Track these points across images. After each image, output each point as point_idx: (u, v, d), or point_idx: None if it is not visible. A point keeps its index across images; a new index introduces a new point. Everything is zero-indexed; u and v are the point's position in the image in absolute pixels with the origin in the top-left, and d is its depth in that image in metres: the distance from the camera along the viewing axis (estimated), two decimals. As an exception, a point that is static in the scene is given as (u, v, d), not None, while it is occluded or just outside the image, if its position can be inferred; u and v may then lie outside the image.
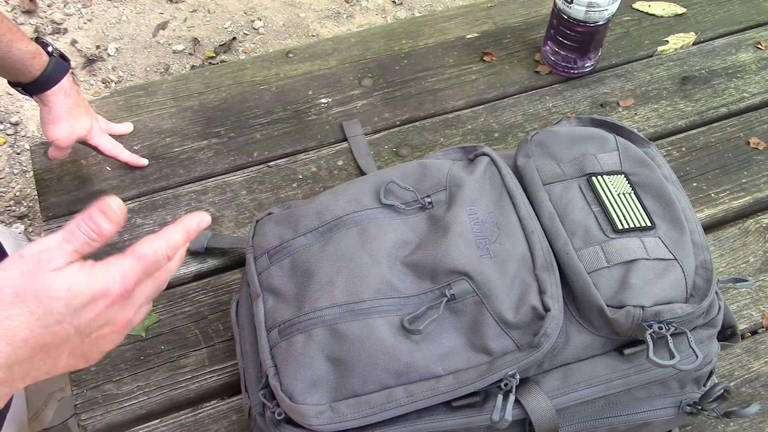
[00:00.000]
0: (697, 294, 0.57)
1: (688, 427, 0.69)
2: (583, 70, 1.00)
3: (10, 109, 1.80)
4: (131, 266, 0.44)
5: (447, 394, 0.54)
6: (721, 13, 1.11)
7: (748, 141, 0.94)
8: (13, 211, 1.63)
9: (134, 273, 0.44)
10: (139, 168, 0.89)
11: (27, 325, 0.39)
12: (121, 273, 0.43)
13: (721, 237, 0.84)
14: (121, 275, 0.43)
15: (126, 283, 0.43)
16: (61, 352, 0.42)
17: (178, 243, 0.47)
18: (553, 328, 0.54)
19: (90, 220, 0.43)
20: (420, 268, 0.59)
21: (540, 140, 0.67)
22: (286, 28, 2.03)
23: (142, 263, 0.44)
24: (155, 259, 0.45)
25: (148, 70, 1.90)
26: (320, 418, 0.54)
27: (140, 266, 0.44)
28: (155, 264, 0.45)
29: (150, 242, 0.45)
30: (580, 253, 0.58)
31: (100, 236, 0.43)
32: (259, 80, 1.00)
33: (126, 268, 0.44)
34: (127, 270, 0.44)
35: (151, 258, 0.45)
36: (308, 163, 0.90)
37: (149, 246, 0.45)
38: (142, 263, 0.44)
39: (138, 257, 0.44)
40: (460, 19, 1.09)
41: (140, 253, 0.44)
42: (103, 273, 0.43)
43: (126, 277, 0.43)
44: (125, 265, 0.44)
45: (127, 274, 0.43)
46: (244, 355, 0.64)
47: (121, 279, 0.43)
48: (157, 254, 0.45)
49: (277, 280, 0.61)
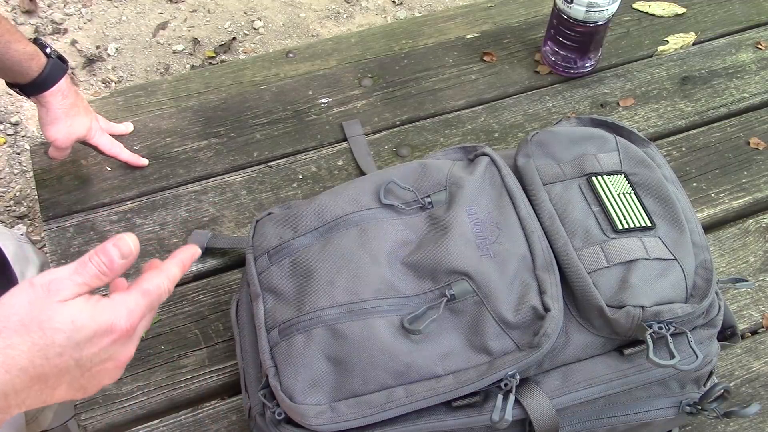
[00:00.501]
0: (697, 294, 0.57)
1: (688, 427, 0.69)
2: (583, 70, 1.00)
3: (10, 109, 1.80)
4: (137, 302, 0.44)
5: (447, 394, 0.54)
6: (721, 13, 1.11)
7: (748, 141, 0.94)
8: (13, 211, 1.63)
9: (140, 309, 0.44)
10: (139, 168, 0.89)
11: (27, 355, 0.39)
12: (127, 309, 0.43)
13: (721, 237, 0.84)
14: (127, 312, 0.43)
15: (132, 319, 0.43)
16: (59, 383, 0.42)
17: (177, 277, 0.48)
18: (553, 328, 0.54)
19: (103, 254, 0.43)
20: (420, 268, 0.59)
21: (540, 140, 0.67)
22: (286, 28, 2.03)
23: (147, 300, 0.45)
24: (159, 294, 0.46)
25: (148, 70, 1.90)
26: (320, 418, 0.54)
27: (145, 303, 0.45)
28: (158, 299, 0.46)
29: (153, 278, 0.46)
30: (580, 253, 0.58)
31: (111, 270, 0.43)
32: (259, 80, 1.00)
33: (132, 304, 0.44)
34: (133, 306, 0.44)
35: (155, 294, 0.46)
36: (308, 163, 0.90)
37: (153, 282, 0.46)
38: (147, 300, 0.45)
39: (143, 293, 0.45)
40: (460, 19, 1.09)
41: (145, 289, 0.45)
42: (108, 309, 0.43)
43: (132, 313, 0.44)
44: (131, 301, 0.44)
45: (133, 310, 0.44)
46: (244, 355, 0.64)
47: (127, 315, 0.43)
48: (160, 289, 0.46)
49: (277, 280, 0.61)
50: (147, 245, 0.82)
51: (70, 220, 0.84)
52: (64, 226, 0.83)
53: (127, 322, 0.43)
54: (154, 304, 0.46)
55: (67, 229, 0.83)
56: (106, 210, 0.85)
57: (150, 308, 0.45)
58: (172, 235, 0.83)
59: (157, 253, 0.81)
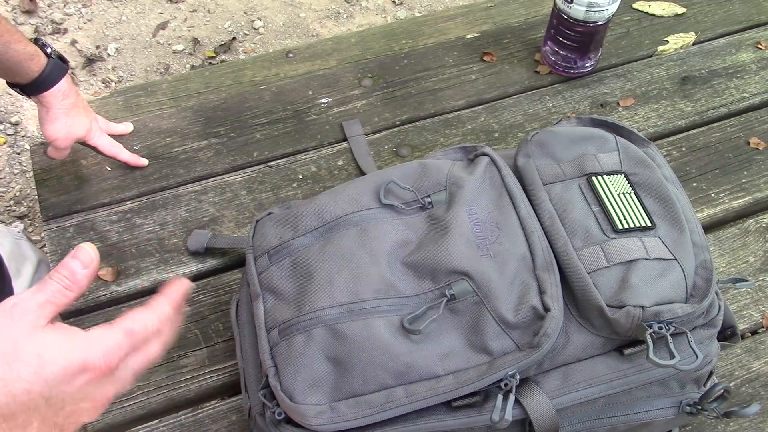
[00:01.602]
0: (697, 294, 0.57)
1: (688, 427, 0.69)
2: (583, 70, 1.00)
3: (10, 109, 1.80)
4: (117, 341, 0.41)
5: (447, 394, 0.54)
6: (721, 13, 1.11)
7: (748, 141, 0.94)
8: (13, 211, 1.63)
9: (120, 348, 0.41)
10: (139, 168, 0.89)
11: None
12: (104, 348, 0.40)
13: (721, 237, 0.84)
14: (103, 350, 0.40)
15: (109, 359, 0.40)
16: (30, 420, 0.38)
17: (168, 314, 0.44)
18: (553, 328, 0.54)
19: (63, 268, 0.41)
20: (420, 268, 0.59)
21: (540, 140, 0.67)
22: (286, 28, 2.03)
23: (129, 339, 0.41)
24: (144, 335, 0.42)
25: (148, 70, 1.90)
26: (320, 418, 0.54)
27: (127, 342, 0.41)
28: (143, 339, 0.42)
29: (139, 316, 0.42)
30: (580, 253, 0.58)
31: (75, 282, 0.41)
32: (259, 80, 1.00)
33: (111, 342, 0.40)
34: (112, 344, 0.40)
35: (140, 334, 0.42)
36: (308, 163, 0.90)
37: (139, 321, 0.42)
38: (129, 339, 0.41)
39: (126, 333, 0.41)
40: (460, 19, 1.09)
41: (128, 329, 0.41)
42: (83, 344, 0.39)
43: (109, 352, 0.40)
44: (110, 339, 0.40)
45: (111, 349, 0.40)
46: (244, 355, 0.64)
47: (103, 354, 0.40)
48: (147, 329, 0.42)
49: (277, 280, 0.61)
50: (147, 245, 0.82)
51: (70, 220, 0.84)
52: (64, 226, 0.83)
53: (102, 361, 0.39)
54: (138, 344, 0.42)
55: (67, 229, 0.83)
56: (106, 210, 0.85)
57: (133, 348, 0.42)
58: (172, 235, 0.83)
59: (157, 253, 0.81)
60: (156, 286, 0.79)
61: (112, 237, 0.82)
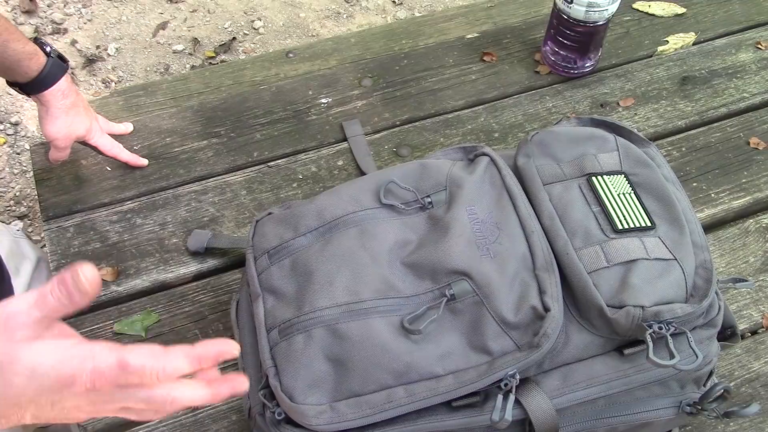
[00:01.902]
0: (697, 294, 0.57)
1: (688, 427, 0.69)
2: (583, 70, 1.00)
3: (10, 109, 1.80)
4: (108, 366, 0.39)
5: (447, 394, 0.54)
6: (721, 13, 1.11)
7: (748, 141, 0.94)
8: (13, 211, 1.63)
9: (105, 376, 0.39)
10: (139, 168, 0.89)
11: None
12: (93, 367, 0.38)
13: (721, 237, 0.84)
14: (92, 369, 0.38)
15: (93, 380, 0.38)
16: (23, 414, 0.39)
17: (182, 371, 0.40)
18: (553, 328, 0.54)
19: (63, 285, 0.39)
20: (420, 268, 0.59)
21: (540, 140, 0.67)
22: (286, 28, 2.03)
23: (119, 372, 0.39)
24: (140, 378, 0.39)
25: (148, 70, 1.90)
26: (320, 418, 0.54)
27: (115, 374, 0.39)
28: (138, 380, 0.39)
29: (143, 356, 0.39)
30: (580, 253, 0.58)
31: (72, 303, 0.40)
32: (259, 80, 1.00)
33: (102, 365, 0.39)
34: (102, 368, 0.39)
35: (133, 372, 0.39)
36: (308, 163, 0.90)
37: (139, 360, 0.39)
38: (119, 372, 0.39)
39: (119, 364, 0.39)
40: (460, 19, 1.09)
41: (123, 360, 0.39)
42: (76, 358, 0.39)
43: (96, 374, 0.38)
44: (102, 362, 0.39)
45: (100, 371, 0.38)
46: (244, 355, 0.64)
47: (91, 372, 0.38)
48: (144, 374, 0.39)
49: (277, 280, 0.61)
50: (147, 245, 0.82)
51: (70, 220, 0.84)
52: (64, 226, 0.83)
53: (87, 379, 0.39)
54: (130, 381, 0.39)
55: (67, 229, 0.83)
56: (106, 210, 0.85)
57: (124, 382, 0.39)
58: (172, 235, 0.83)
59: (157, 253, 0.81)
60: (156, 286, 0.79)
61: (112, 237, 0.82)
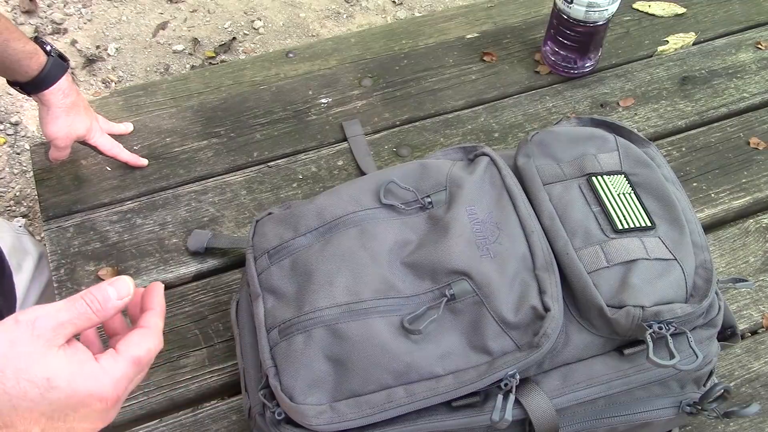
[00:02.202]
0: (697, 294, 0.57)
1: (688, 427, 0.69)
2: (583, 70, 1.00)
3: (10, 109, 1.80)
4: (125, 373, 0.41)
5: (447, 394, 0.54)
6: (721, 13, 1.11)
7: (748, 141, 0.94)
8: (13, 211, 1.63)
9: (127, 379, 0.41)
10: (139, 168, 0.89)
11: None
12: (113, 380, 0.40)
13: (721, 237, 0.84)
14: (113, 383, 0.40)
15: (117, 391, 0.40)
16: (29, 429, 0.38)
17: (162, 327, 0.45)
18: (553, 328, 0.54)
19: (97, 292, 0.41)
20: (420, 268, 0.59)
21: (540, 140, 0.67)
22: (286, 28, 2.03)
23: (136, 368, 0.42)
24: (149, 359, 0.43)
25: (148, 70, 1.90)
26: (320, 418, 0.54)
27: (134, 371, 0.42)
28: (148, 363, 0.43)
29: (144, 343, 0.42)
30: (580, 253, 0.58)
31: (103, 310, 0.41)
32: (259, 80, 1.00)
33: (119, 374, 0.40)
34: (120, 376, 0.40)
35: (146, 359, 0.42)
36: (308, 163, 0.90)
37: (143, 347, 0.42)
38: (136, 368, 0.42)
39: (134, 361, 0.41)
40: (460, 19, 1.09)
41: (135, 357, 0.41)
42: (91, 378, 0.39)
43: (118, 385, 0.40)
44: (118, 371, 0.40)
45: (119, 381, 0.40)
46: (244, 355, 0.64)
47: (113, 387, 0.40)
48: (150, 353, 0.43)
49: (277, 280, 0.61)
50: (147, 245, 0.82)
51: (70, 220, 0.84)
52: (64, 226, 0.83)
53: (111, 394, 0.40)
54: (143, 368, 0.42)
55: (67, 229, 0.83)
56: (106, 210, 0.85)
57: (138, 372, 0.42)
58: (172, 235, 0.83)
59: (157, 253, 0.81)
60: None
61: (112, 237, 0.82)
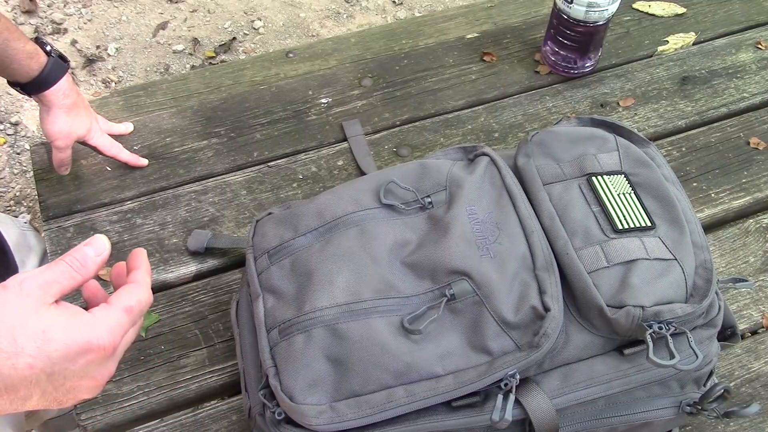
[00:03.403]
0: (697, 294, 0.57)
1: (688, 427, 0.69)
2: (583, 70, 1.00)
3: (10, 109, 1.80)
4: (118, 320, 0.42)
5: (447, 394, 0.54)
6: (721, 13, 1.11)
7: (748, 141, 0.94)
8: (13, 211, 1.63)
9: (122, 327, 0.42)
10: (139, 168, 0.89)
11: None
12: (108, 328, 0.41)
13: (721, 237, 0.84)
14: (107, 330, 0.41)
15: (113, 338, 0.41)
16: (30, 394, 0.39)
17: (150, 283, 0.46)
18: (553, 328, 0.54)
19: (76, 251, 0.42)
20: (420, 267, 0.59)
21: (540, 140, 0.67)
22: (286, 28, 2.03)
23: (129, 317, 0.43)
24: (140, 309, 0.44)
25: (148, 70, 1.90)
26: (320, 418, 0.54)
27: (127, 320, 0.42)
28: (140, 314, 0.44)
29: (134, 292, 0.44)
30: (580, 253, 0.58)
31: (84, 267, 0.42)
32: (259, 80, 1.00)
33: (113, 321, 0.41)
34: (114, 324, 0.41)
35: (137, 309, 0.43)
36: (308, 163, 0.90)
37: (134, 296, 0.43)
38: (129, 317, 0.43)
39: (126, 310, 0.42)
40: (460, 19, 1.09)
41: (127, 306, 0.43)
42: (86, 326, 0.40)
43: (113, 332, 0.41)
44: (112, 319, 0.42)
45: (114, 328, 0.41)
46: (244, 355, 0.64)
47: (108, 334, 0.41)
48: (141, 304, 0.44)
49: (277, 280, 0.61)
50: (147, 245, 0.82)
51: (70, 220, 0.84)
52: (64, 226, 0.83)
53: (107, 341, 0.41)
54: (136, 319, 0.44)
55: (67, 229, 0.83)
56: (106, 210, 0.85)
57: (132, 324, 0.43)
58: (172, 235, 0.83)
59: (157, 253, 0.81)
60: (156, 286, 0.79)
61: (112, 237, 0.82)
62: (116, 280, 0.48)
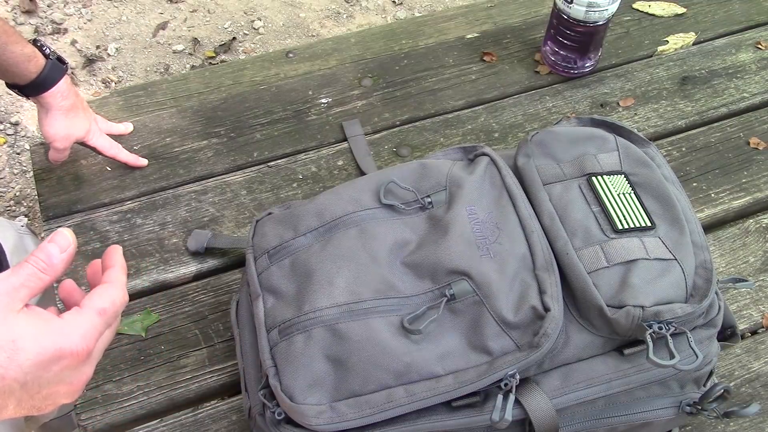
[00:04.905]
0: (697, 294, 0.57)
1: (688, 427, 0.69)
2: (583, 70, 1.00)
3: (10, 109, 1.80)
4: (92, 324, 0.40)
5: (447, 394, 0.54)
6: (721, 13, 1.11)
7: (748, 141, 0.94)
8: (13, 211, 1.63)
9: (95, 330, 0.40)
10: (138, 168, 0.89)
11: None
12: (81, 332, 0.39)
13: (721, 237, 0.84)
14: (80, 335, 0.39)
15: (87, 343, 0.40)
16: (6, 403, 0.38)
17: (125, 282, 0.44)
18: (553, 328, 0.54)
19: (40, 251, 0.40)
20: (420, 268, 0.59)
21: (540, 140, 0.67)
22: (286, 28, 2.03)
23: (103, 318, 0.41)
24: (115, 310, 0.42)
25: (148, 70, 1.90)
26: (320, 418, 0.54)
27: (101, 321, 0.41)
28: (115, 315, 0.42)
29: (107, 293, 0.42)
30: (580, 253, 0.58)
31: (50, 266, 0.40)
32: (259, 80, 1.00)
33: (86, 325, 0.40)
34: (88, 327, 0.40)
35: (111, 311, 0.42)
36: (308, 163, 0.90)
37: (107, 297, 0.42)
38: (103, 318, 0.41)
39: (99, 312, 0.41)
40: (460, 19, 1.09)
41: (100, 308, 0.41)
42: (57, 332, 0.39)
43: (86, 336, 0.40)
44: (85, 322, 0.40)
45: (88, 332, 0.40)
46: (244, 355, 0.64)
47: (81, 339, 0.39)
48: (116, 305, 0.42)
49: (277, 280, 0.61)
50: (147, 245, 0.82)
51: (70, 220, 0.84)
52: (65, 227, 0.83)
53: (80, 347, 0.39)
54: (111, 320, 0.42)
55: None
56: (106, 210, 0.85)
57: (107, 326, 0.42)
58: (172, 235, 0.83)
59: (157, 253, 0.81)
60: (156, 286, 0.79)
61: (112, 237, 0.82)
62: (92, 279, 0.46)
